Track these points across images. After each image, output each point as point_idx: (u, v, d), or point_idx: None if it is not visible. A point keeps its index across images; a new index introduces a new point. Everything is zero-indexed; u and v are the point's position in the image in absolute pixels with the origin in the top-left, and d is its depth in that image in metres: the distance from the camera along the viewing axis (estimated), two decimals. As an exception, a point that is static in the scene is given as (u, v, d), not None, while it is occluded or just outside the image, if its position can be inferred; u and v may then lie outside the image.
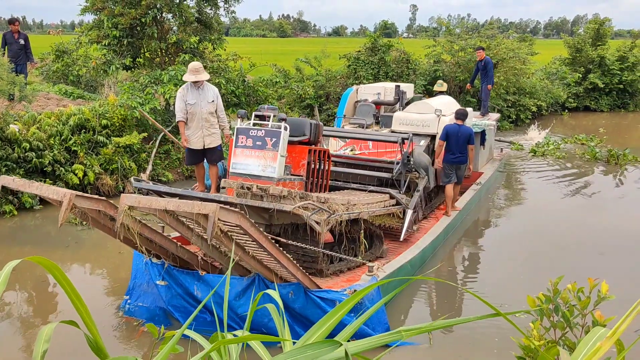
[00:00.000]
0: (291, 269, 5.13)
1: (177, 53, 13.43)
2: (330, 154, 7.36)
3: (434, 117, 8.94)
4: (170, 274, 5.74)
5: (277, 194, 5.46)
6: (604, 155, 13.85)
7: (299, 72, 18.52)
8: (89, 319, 2.02)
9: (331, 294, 5.39)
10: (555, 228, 9.04)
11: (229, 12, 14.16)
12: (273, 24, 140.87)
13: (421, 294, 6.80)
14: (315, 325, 1.79)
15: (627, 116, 22.77)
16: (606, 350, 1.86)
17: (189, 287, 5.68)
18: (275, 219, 5.85)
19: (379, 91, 10.40)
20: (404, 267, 6.38)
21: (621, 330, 1.86)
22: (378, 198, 7.24)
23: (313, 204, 5.50)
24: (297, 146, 6.86)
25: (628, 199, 10.81)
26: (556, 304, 2.58)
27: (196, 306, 5.46)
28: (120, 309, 5.99)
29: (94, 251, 7.80)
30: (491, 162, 12.06)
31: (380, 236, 7.43)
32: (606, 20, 24.83)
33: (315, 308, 5.37)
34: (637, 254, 7.85)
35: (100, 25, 12.93)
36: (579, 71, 23.20)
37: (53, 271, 1.92)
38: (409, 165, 7.78)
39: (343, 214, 5.90)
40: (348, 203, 6.28)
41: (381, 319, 5.61)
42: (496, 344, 5.34)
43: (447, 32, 20.66)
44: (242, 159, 6.38)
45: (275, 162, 6.23)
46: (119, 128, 10.86)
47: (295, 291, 5.38)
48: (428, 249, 7.33)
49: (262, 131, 6.33)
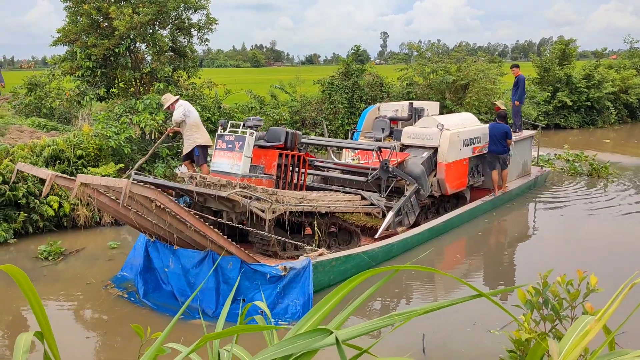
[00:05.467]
0: (221, 242, 6.17)
1: (151, 82, 13.39)
2: (306, 159, 8.59)
3: (436, 131, 9.57)
4: (157, 247, 6.83)
5: (215, 182, 6.72)
6: (586, 169, 14.18)
7: (274, 99, 18.62)
8: (48, 334, 1.92)
9: (264, 267, 6.31)
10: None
11: (203, 41, 14.22)
12: (246, 54, 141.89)
13: (411, 285, 7.31)
14: (313, 308, 1.76)
15: (595, 132, 23.35)
16: (593, 335, 1.86)
17: (165, 259, 6.77)
18: (235, 207, 6.77)
19: (397, 108, 11.20)
20: (356, 256, 7.25)
21: (607, 316, 1.86)
22: (347, 197, 8.13)
23: (246, 192, 6.48)
24: (270, 150, 8.14)
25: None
26: (545, 297, 2.58)
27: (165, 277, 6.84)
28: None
29: (65, 284, 7.56)
30: (523, 178, 12.24)
31: (357, 233, 8.33)
32: (571, 41, 25.62)
33: (247, 279, 6.31)
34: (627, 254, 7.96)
35: (73, 56, 12.86)
36: (547, 90, 23.79)
37: (19, 278, 1.83)
38: (389, 172, 8.47)
39: (291, 205, 6.87)
40: (303, 198, 7.24)
41: (305, 292, 6.25)
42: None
43: (419, 55, 21.08)
44: (218, 159, 7.95)
45: (240, 161, 7.70)
46: (95, 158, 10.70)
47: (234, 263, 6.32)
48: (397, 244, 8.04)
49: (232, 136, 7.90)
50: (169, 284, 6.80)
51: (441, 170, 9.44)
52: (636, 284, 1.84)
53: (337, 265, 6.93)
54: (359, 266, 7.25)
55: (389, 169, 8.48)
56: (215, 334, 1.56)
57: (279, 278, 6.24)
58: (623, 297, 1.72)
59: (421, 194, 8.99)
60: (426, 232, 8.77)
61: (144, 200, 5.59)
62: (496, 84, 20.11)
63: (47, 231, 9.39)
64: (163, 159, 11.78)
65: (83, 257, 8.38)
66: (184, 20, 13.78)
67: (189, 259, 6.57)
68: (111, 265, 7.88)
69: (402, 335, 5.60)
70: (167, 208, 5.71)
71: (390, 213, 8.32)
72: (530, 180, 12.38)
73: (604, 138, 21.62)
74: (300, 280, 6.26)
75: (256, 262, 6.50)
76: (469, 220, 10.01)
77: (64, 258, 8.30)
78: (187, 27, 13.89)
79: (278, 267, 6.26)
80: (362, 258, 7.32)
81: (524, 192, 12.06)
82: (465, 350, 5.33)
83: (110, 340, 5.87)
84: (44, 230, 9.36)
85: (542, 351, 2.21)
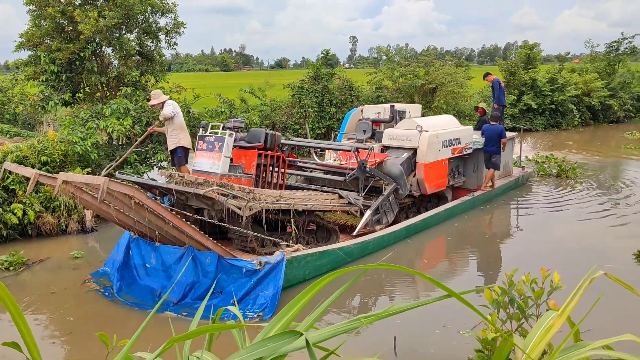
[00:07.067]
0: (198, 238, 6.48)
1: (118, 86, 13.20)
2: (285, 159, 8.87)
3: (416, 133, 9.77)
4: (139, 244, 7.13)
5: (193, 180, 6.95)
6: (554, 171, 14.53)
7: (244, 103, 18.54)
8: (31, 342, 1.89)
9: (240, 262, 6.62)
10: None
11: (171, 45, 14.08)
12: (215, 58, 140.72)
13: (380, 285, 7.39)
14: (283, 309, 1.76)
15: (560, 134, 23.90)
16: (556, 329, 1.91)
17: (147, 255, 7.05)
18: (214, 205, 7.00)
19: (379, 111, 11.38)
20: (332, 252, 7.49)
21: (569, 310, 1.91)
22: (324, 196, 8.35)
23: (223, 190, 6.71)
24: (250, 150, 8.41)
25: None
26: (511, 297, 2.63)
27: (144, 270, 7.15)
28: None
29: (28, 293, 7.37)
30: (504, 179, 12.47)
31: (336, 230, 8.57)
32: (535, 45, 26.20)
33: (224, 272, 6.60)
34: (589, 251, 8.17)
35: (37, 61, 12.59)
36: (513, 93, 24.27)
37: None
38: (366, 172, 8.73)
39: (267, 203, 7.16)
40: (281, 196, 7.49)
41: (276, 285, 6.50)
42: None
43: (388, 60, 21.28)
44: (199, 159, 8.22)
45: (219, 161, 7.95)
46: (60, 164, 10.47)
47: (212, 257, 6.63)
48: (372, 242, 8.24)
49: (213, 137, 8.15)
50: (148, 280, 7.06)
51: (420, 170, 9.65)
52: (595, 278, 1.90)
53: (312, 260, 7.17)
54: (335, 262, 7.53)
55: (366, 168, 8.71)
56: (181, 336, 1.54)
57: (254, 272, 6.55)
58: (583, 292, 1.78)
59: (400, 194, 9.25)
60: (403, 230, 8.98)
61: (123, 197, 5.96)
62: (464, 87, 20.44)
63: (11, 240, 9.13)
64: (131, 164, 11.61)
65: (47, 266, 8.17)
66: (151, 24, 13.65)
67: (170, 255, 6.90)
68: (76, 275, 7.71)
69: (375, 336, 5.65)
70: (145, 205, 6.02)
71: (368, 211, 8.55)
72: (511, 180, 12.67)
73: (568, 140, 22.16)
74: (273, 274, 6.54)
75: (233, 257, 6.79)
76: (447, 219, 10.20)
77: (27, 268, 8.07)
78: (155, 31, 13.76)
79: (254, 262, 6.58)
80: (337, 254, 7.56)
81: (505, 193, 12.32)
82: (434, 352, 5.38)
83: (79, 347, 5.75)
84: (7, 239, 9.10)
85: (509, 349, 2.26)
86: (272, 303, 6.38)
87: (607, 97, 27.16)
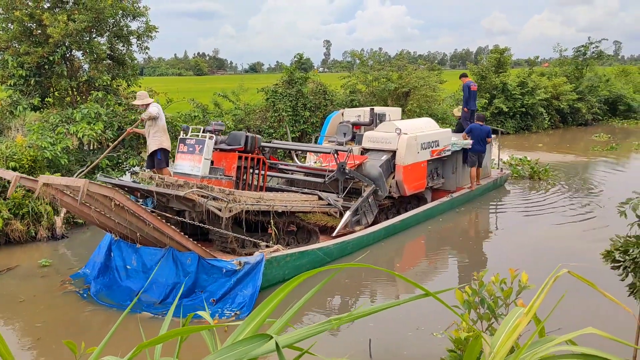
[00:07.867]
0: (178, 239, 6.56)
1: (89, 91, 13.00)
2: (265, 161, 8.95)
3: (394, 135, 9.94)
4: (120, 246, 7.21)
5: (173, 182, 7.10)
6: (527, 173, 14.78)
7: (218, 107, 18.41)
8: (5, 350, 1.84)
9: (220, 262, 6.76)
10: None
11: (143, 49, 13.92)
12: (189, 62, 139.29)
13: (362, 285, 7.51)
14: (255, 310, 1.76)
15: (530, 137, 24.35)
16: (523, 327, 1.94)
17: (128, 257, 7.13)
18: (195, 206, 7.04)
19: (359, 114, 11.47)
20: (311, 252, 7.64)
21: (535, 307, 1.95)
22: (304, 198, 8.48)
23: (203, 191, 6.80)
24: (230, 153, 8.50)
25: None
26: (482, 297, 2.66)
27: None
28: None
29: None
30: (483, 180, 12.63)
31: (316, 231, 8.73)
32: (505, 50, 26.66)
33: (205, 273, 6.75)
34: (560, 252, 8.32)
35: (4, 64, 12.32)
36: (484, 97, 24.63)
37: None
38: (346, 174, 8.91)
39: (247, 205, 7.24)
40: (260, 198, 7.59)
41: (254, 284, 6.63)
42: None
43: (361, 64, 21.39)
44: (180, 162, 8.29)
45: (200, 163, 7.99)
46: (29, 170, 10.25)
47: (192, 258, 6.73)
48: (352, 242, 8.40)
49: (193, 140, 8.23)
50: (129, 282, 7.13)
51: (399, 172, 9.79)
52: (559, 276, 1.94)
53: (292, 260, 7.30)
54: (314, 262, 7.65)
55: (345, 170, 8.88)
56: (150, 341, 1.53)
57: (234, 272, 6.69)
58: (548, 289, 1.81)
59: (379, 195, 9.42)
60: (382, 231, 9.13)
61: (103, 199, 6.03)
62: (436, 91, 20.65)
63: (-22, 248, 8.91)
64: (103, 169, 11.44)
65: (16, 274, 7.99)
66: (122, 27, 13.46)
67: (151, 257, 6.99)
68: (45, 283, 7.57)
69: (352, 336, 5.70)
70: (125, 206, 6.11)
71: (348, 212, 8.71)
72: (490, 182, 12.88)
73: (538, 143, 22.57)
74: (252, 274, 6.68)
75: (213, 257, 6.96)
76: (425, 220, 10.33)
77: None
78: (126, 35, 13.57)
79: (233, 262, 6.72)
80: (316, 254, 7.69)
81: (484, 194, 12.52)
82: (407, 353, 5.42)
83: (48, 355, 5.64)
84: (-26, 247, 8.88)
85: (479, 348, 2.29)
86: (249, 302, 6.51)
87: (576, 101, 27.79)
